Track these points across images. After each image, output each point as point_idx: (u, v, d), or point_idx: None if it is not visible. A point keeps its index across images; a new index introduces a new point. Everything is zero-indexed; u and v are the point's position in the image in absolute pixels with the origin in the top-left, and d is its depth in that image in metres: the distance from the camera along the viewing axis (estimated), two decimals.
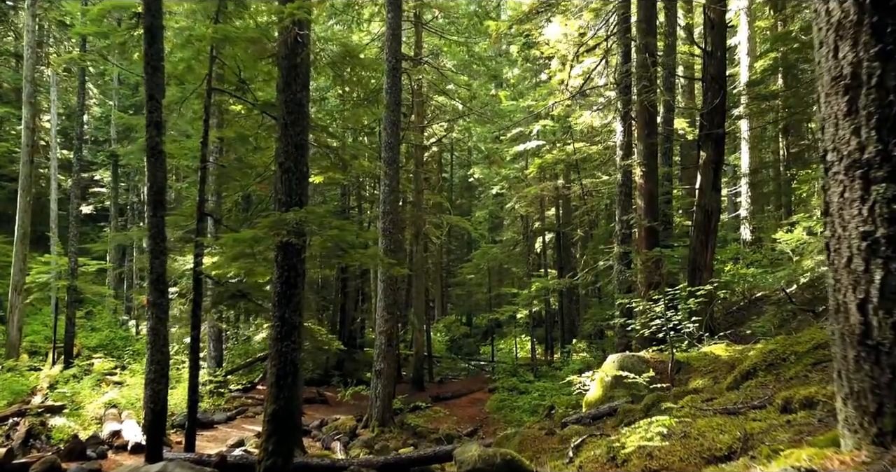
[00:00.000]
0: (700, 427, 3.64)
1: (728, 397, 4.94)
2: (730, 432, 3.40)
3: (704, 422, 3.75)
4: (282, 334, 6.85)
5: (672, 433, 3.90)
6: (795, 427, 3.05)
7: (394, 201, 14.58)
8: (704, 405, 4.82)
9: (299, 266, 6.99)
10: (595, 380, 9.14)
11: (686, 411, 4.71)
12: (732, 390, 5.67)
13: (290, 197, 7.00)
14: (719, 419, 3.81)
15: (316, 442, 13.31)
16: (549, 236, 28.51)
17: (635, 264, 12.92)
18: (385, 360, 14.34)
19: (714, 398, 5.08)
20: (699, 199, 12.52)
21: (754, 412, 4.03)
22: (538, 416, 16.05)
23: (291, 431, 6.79)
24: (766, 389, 4.91)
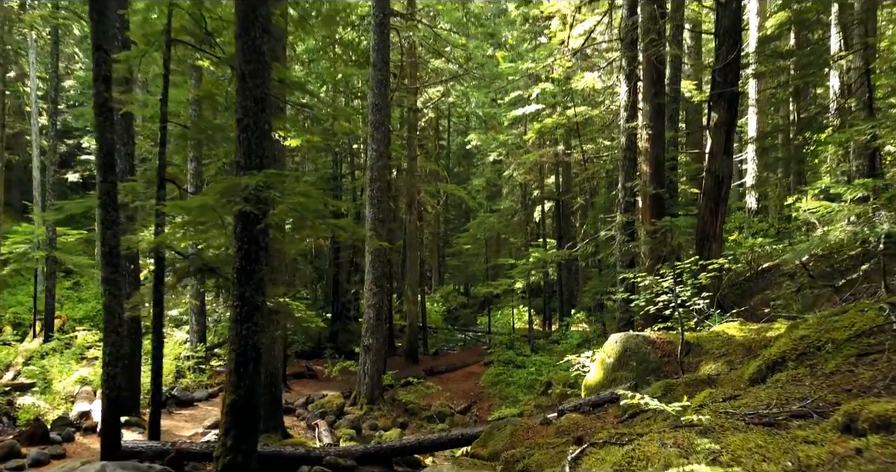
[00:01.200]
0: (732, 448, 2.84)
1: (755, 394, 4.14)
2: (775, 458, 2.60)
3: (737, 440, 2.95)
4: (242, 315, 6.05)
5: (693, 450, 3.10)
6: (874, 465, 2.25)
7: (382, 168, 13.66)
8: (728, 406, 4.01)
9: (261, 239, 6.14)
10: (595, 361, 8.38)
11: (707, 414, 3.91)
12: (757, 383, 4.87)
13: (250, 159, 6.11)
14: (756, 434, 3.01)
15: (301, 421, 12.66)
16: (549, 205, 27.61)
17: (639, 235, 12.09)
18: (374, 335, 13.62)
19: (738, 395, 4.28)
20: (709, 163, 11.61)
21: (798, 422, 3.22)
22: (534, 392, 15.41)
23: (254, 423, 6.05)
24: (800, 386, 4.11)
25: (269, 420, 10.66)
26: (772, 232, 21.43)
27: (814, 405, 3.50)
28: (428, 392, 15.30)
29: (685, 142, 21.94)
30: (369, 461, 7.51)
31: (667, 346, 7.70)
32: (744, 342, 7.16)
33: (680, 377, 6.78)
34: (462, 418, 14.00)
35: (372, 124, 13.62)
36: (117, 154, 11.53)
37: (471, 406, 15.40)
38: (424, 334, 23.49)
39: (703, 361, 7.13)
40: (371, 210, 13.60)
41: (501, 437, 6.63)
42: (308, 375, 17.42)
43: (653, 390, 6.27)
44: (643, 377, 7.45)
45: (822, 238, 7.63)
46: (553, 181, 25.67)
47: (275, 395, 10.69)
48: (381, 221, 13.66)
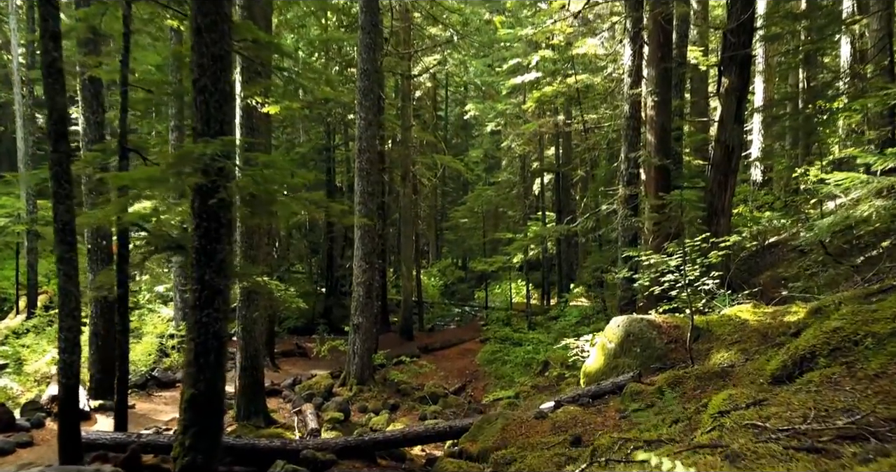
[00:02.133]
0: None
1: (785, 399, 3.50)
2: None
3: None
4: (201, 300, 5.40)
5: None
6: None
7: (371, 137, 12.90)
8: (754, 415, 3.38)
9: (222, 215, 5.46)
10: (596, 346, 7.78)
11: (729, 425, 3.29)
12: (783, 382, 4.25)
13: (208, 125, 5.39)
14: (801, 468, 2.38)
15: (287, 403, 12.13)
16: (548, 177, 26.84)
17: (643, 209, 11.41)
18: (363, 313, 13.02)
19: (764, 399, 3.64)
20: (719, 133, 10.89)
21: (851, 447, 2.59)
22: (531, 372, 14.91)
23: (216, 420, 5.45)
24: (839, 390, 3.48)
25: (252, 405, 10.13)
26: (778, 205, 20.74)
27: (864, 421, 2.86)
28: (421, 371, 14.76)
29: (689, 111, 21.11)
30: (350, 454, 6.95)
31: (673, 331, 7.09)
32: (759, 328, 6.54)
33: (689, 367, 6.17)
34: (456, 399, 13.48)
35: (360, 91, 12.83)
36: (86, 123, 10.83)
37: (465, 386, 14.89)
38: (420, 309, 22.95)
39: (713, 348, 6.52)
40: (360, 183, 12.88)
41: (492, 432, 6.05)
42: (298, 353, 16.89)
43: (660, 382, 5.66)
44: (647, 365, 6.85)
45: (847, 214, 6.96)
46: (553, 153, 24.88)
47: (256, 379, 10.13)
48: (371, 195, 12.95)
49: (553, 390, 12.49)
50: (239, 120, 9.92)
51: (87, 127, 10.69)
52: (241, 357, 10.06)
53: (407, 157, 20.02)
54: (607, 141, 20.48)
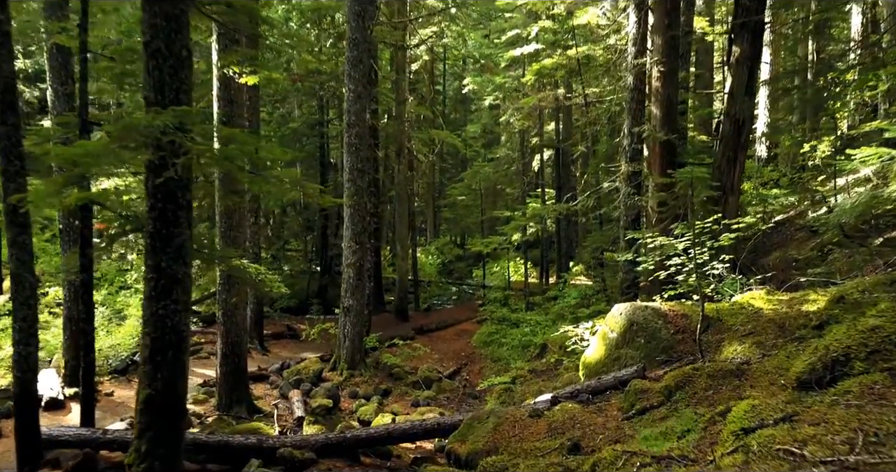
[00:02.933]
0: None
1: (821, 414, 2.96)
2: None
3: None
4: (158, 290, 4.83)
5: None
6: None
7: (360, 111, 12.23)
8: (787, 436, 2.84)
9: (180, 195, 4.87)
10: (596, 335, 7.25)
11: (758, 451, 2.74)
12: (811, 388, 3.70)
13: (161, 94, 4.77)
14: None
15: (274, 389, 11.67)
16: (548, 154, 26.13)
17: (646, 187, 10.81)
18: (354, 295, 12.50)
19: (795, 414, 3.09)
20: (728, 105, 10.24)
21: None
22: (528, 354, 14.45)
23: (176, 423, 4.93)
24: (885, 405, 2.94)
25: (234, 393, 9.66)
26: (784, 182, 20.10)
27: None
28: (415, 354, 14.31)
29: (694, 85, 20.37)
30: (331, 451, 6.46)
31: (680, 320, 6.54)
32: (774, 318, 6.00)
33: (698, 362, 5.63)
34: (450, 383, 13.03)
35: (349, 62, 12.13)
36: (55, 95, 10.16)
37: (460, 369, 14.43)
38: (416, 289, 22.46)
39: (725, 340, 5.98)
40: (349, 159, 12.25)
41: (483, 432, 5.54)
42: (289, 335, 16.41)
43: (667, 381, 5.12)
44: (652, 358, 6.32)
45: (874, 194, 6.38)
46: (553, 128, 24.16)
47: (238, 366, 9.64)
48: (361, 172, 12.33)
49: (551, 374, 12.04)
50: (216, 92, 9.29)
51: (55, 100, 10.03)
52: (221, 344, 9.56)
53: (402, 132, 19.33)
54: (609, 115, 19.77)
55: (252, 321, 14.65)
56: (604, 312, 14.12)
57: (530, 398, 10.12)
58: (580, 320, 14.50)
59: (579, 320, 14.51)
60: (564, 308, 15.02)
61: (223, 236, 9.36)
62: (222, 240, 9.37)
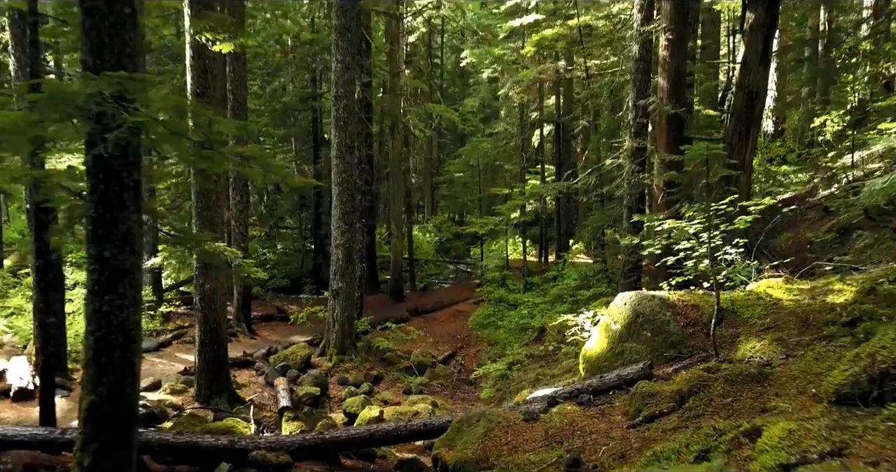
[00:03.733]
0: None
1: (877, 449, 2.40)
2: None
3: None
4: (101, 283, 4.24)
5: None
6: None
7: (349, 82, 11.53)
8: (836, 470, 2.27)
9: (127, 176, 4.26)
10: (598, 326, 6.68)
11: None
12: (853, 405, 3.13)
13: (100, 58, 4.13)
14: None
15: (259, 377, 11.16)
16: (548, 129, 25.39)
17: (652, 164, 10.18)
18: (344, 278, 11.93)
19: (844, 446, 2.53)
20: (741, 76, 9.55)
21: None
22: (526, 338, 13.93)
23: (126, 432, 4.38)
24: None
25: (214, 383, 9.14)
26: (791, 158, 19.41)
27: None
28: (408, 338, 13.78)
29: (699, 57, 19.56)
30: (309, 454, 5.93)
31: (691, 311, 5.96)
32: (795, 310, 5.42)
33: (712, 360, 5.07)
34: (444, 368, 12.53)
35: (337, 30, 11.39)
36: (18, 64, 9.46)
37: (455, 353, 13.94)
38: (412, 268, 21.89)
39: (741, 335, 5.41)
40: (337, 134, 11.59)
41: (473, 437, 4.99)
42: (279, 317, 15.88)
43: (678, 384, 4.56)
44: (660, 353, 5.76)
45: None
46: (553, 102, 23.38)
47: (217, 354, 9.10)
48: (350, 148, 11.67)
49: (549, 360, 11.53)
50: (189, 61, 8.60)
51: (18, 69, 9.34)
52: (199, 331, 9.01)
53: (396, 106, 18.59)
54: (611, 89, 18.99)
55: (239, 303, 14.13)
56: (605, 294, 13.59)
57: (527, 388, 9.63)
58: (580, 302, 13.97)
59: (579, 302, 13.99)
60: (564, 290, 14.48)
61: (199, 217, 8.75)
62: (198, 220, 8.77)
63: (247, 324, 14.13)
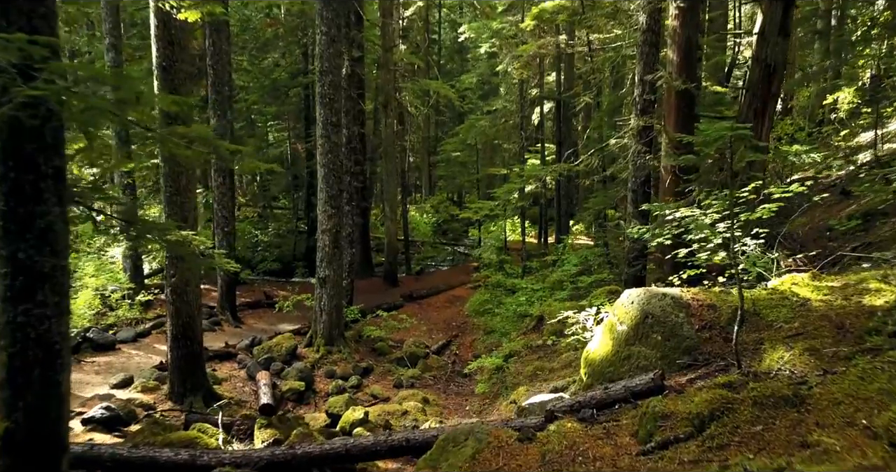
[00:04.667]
0: None
1: None
2: None
3: None
4: (14, 290, 3.58)
5: None
6: None
7: (334, 56, 10.75)
8: None
9: (45, 162, 3.57)
10: (602, 326, 6.02)
11: None
12: None
13: (7, 19, 3.42)
14: None
15: (241, 370, 10.56)
16: (548, 106, 24.54)
17: (660, 144, 9.46)
18: (331, 265, 11.28)
19: None
20: (757, 48, 8.79)
21: None
22: (523, 326, 13.29)
23: (50, 463, 3.75)
24: None
25: (188, 381, 8.53)
26: (800, 137, 18.64)
27: None
28: (401, 326, 13.18)
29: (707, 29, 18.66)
30: (279, 471, 5.32)
31: (707, 312, 5.30)
32: (828, 314, 4.76)
33: (732, 371, 4.42)
34: (437, 359, 11.94)
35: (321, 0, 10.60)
36: None
37: (450, 342, 13.34)
38: (407, 252, 21.25)
39: (765, 342, 4.75)
40: (322, 111, 10.84)
41: (460, 460, 4.37)
42: (267, 304, 15.24)
43: (697, 405, 3.90)
44: (671, 360, 5.11)
45: None
46: (553, 79, 22.52)
47: (191, 350, 8.46)
48: (336, 126, 10.92)
49: (548, 351, 10.94)
50: (153, 31, 7.83)
51: None
52: (171, 325, 8.37)
53: (389, 82, 17.76)
54: (614, 64, 18.13)
55: (223, 290, 13.49)
56: (606, 282, 12.95)
57: (524, 385, 9.03)
58: (580, 289, 13.35)
59: (580, 289, 13.36)
60: (564, 276, 13.82)
61: (168, 202, 8.07)
62: (167, 206, 8.09)
63: (231, 312, 13.50)
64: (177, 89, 7.88)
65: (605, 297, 10.52)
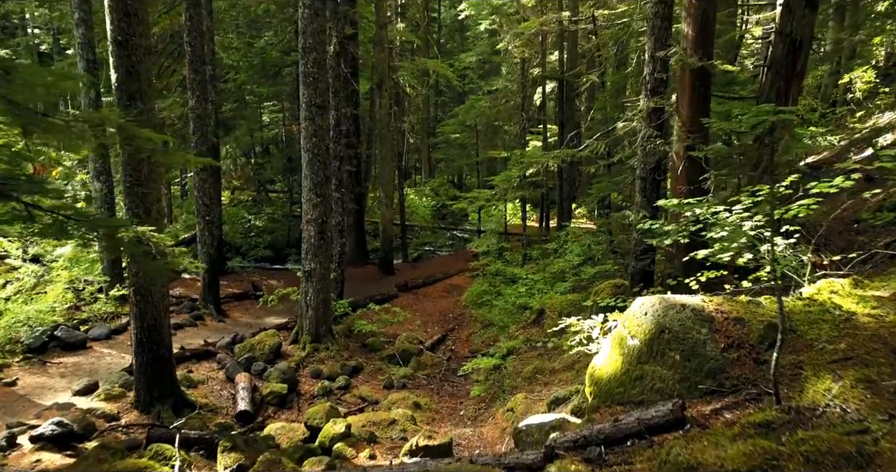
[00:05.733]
0: None
1: None
2: None
3: None
4: None
5: None
6: None
7: (318, 32, 9.90)
8: None
9: None
10: (611, 338, 5.27)
11: None
12: None
13: None
14: None
15: (220, 371, 9.87)
16: (550, 86, 23.58)
17: (672, 127, 8.64)
18: (317, 257, 10.54)
19: None
20: (782, 22, 7.94)
21: None
22: (523, 320, 12.57)
23: None
24: None
25: (155, 388, 7.83)
26: (813, 118, 17.76)
27: None
28: (394, 320, 12.49)
29: None
30: None
31: (734, 328, 4.54)
32: (879, 331, 4.01)
33: (771, 409, 3.67)
34: (432, 356, 11.25)
35: None
36: None
37: (446, 336, 12.65)
38: (403, 238, 20.47)
39: (805, 366, 4.00)
40: (306, 91, 10.02)
41: None
42: (254, 295, 14.51)
43: (732, 456, 3.16)
44: (693, 383, 4.37)
45: None
46: (556, 58, 21.57)
47: (158, 354, 7.75)
48: (321, 108, 10.10)
49: (549, 349, 10.25)
50: (107, 1, 6.99)
51: None
52: (135, 329, 7.65)
53: (383, 61, 16.86)
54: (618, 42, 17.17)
55: (205, 282, 12.77)
56: (611, 274, 12.20)
57: (522, 393, 8.32)
58: (583, 281, 12.60)
59: (582, 281, 12.62)
60: (566, 268, 13.07)
61: (128, 194, 7.29)
62: (127, 198, 7.32)
63: (215, 305, 12.79)
64: (135, 67, 7.08)
65: (610, 292, 9.77)
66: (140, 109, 7.15)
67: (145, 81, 7.24)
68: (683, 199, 8.35)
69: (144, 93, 7.25)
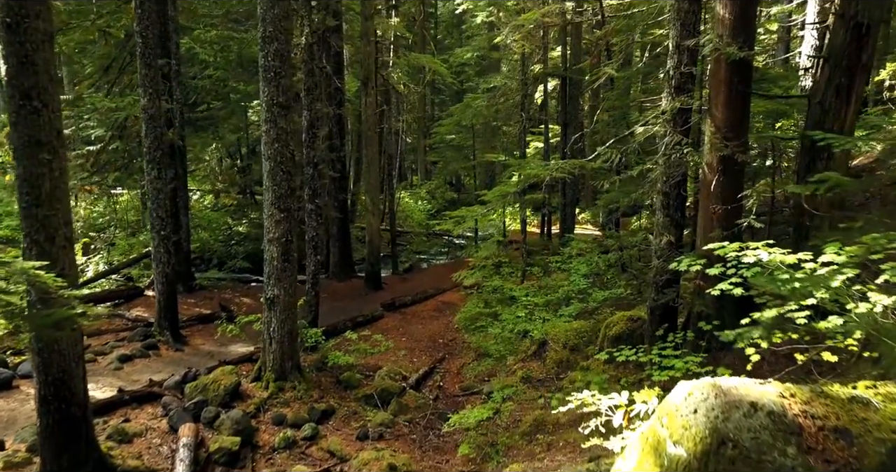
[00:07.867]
0: None
1: None
2: None
3: None
4: None
5: None
6: None
7: (279, 18, 8.39)
8: None
9: None
10: (641, 438, 3.73)
11: None
12: None
13: None
14: None
15: (163, 419, 8.34)
16: (553, 84, 22.09)
17: (704, 133, 7.13)
18: (280, 283, 9.03)
19: None
20: (843, 3, 6.42)
21: None
22: (523, 350, 11.07)
23: None
24: None
25: (65, 453, 6.32)
26: None
27: None
28: (374, 350, 11.00)
29: None
30: None
31: (833, 445, 3.01)
32: None
33: None
34: (416, 396, 9.74)
35: None
36: None
37: (434, 369, 11.14)
38: (394, 247, 18.96)
39: None
40: (267, 88, 8.52)
41: None
42: (226, 316, 12.96)
43: None
44: None
45: None
46: (559, 54, 20.05)
47: (68, 415, 6.24)
48: (284, 107, 8.59)
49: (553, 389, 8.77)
50: None
51: None
52: (38, 383, 6.14)
53: (370, 55, 15.34)
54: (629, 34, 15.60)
55: (160, 305, 11.27)
56: (624, 302, 10.70)
57: (518, 462, 6.82)
58: (590, 305, 11.10)
59: (589, 305, 11.11)
60: (570, 291, 11.55)
61: (25, 217, 5.80)
62: (24, 222, 5.82)
63: (172, 331, 11.27)
64: (30, 56, 5.59)
65: (625, 328, 8.27)
66: (36, 108, 5.66)
67: (45, 75, 5.75)
68: (718, 219, 6.83)
69: (44, 89, 5.76)
